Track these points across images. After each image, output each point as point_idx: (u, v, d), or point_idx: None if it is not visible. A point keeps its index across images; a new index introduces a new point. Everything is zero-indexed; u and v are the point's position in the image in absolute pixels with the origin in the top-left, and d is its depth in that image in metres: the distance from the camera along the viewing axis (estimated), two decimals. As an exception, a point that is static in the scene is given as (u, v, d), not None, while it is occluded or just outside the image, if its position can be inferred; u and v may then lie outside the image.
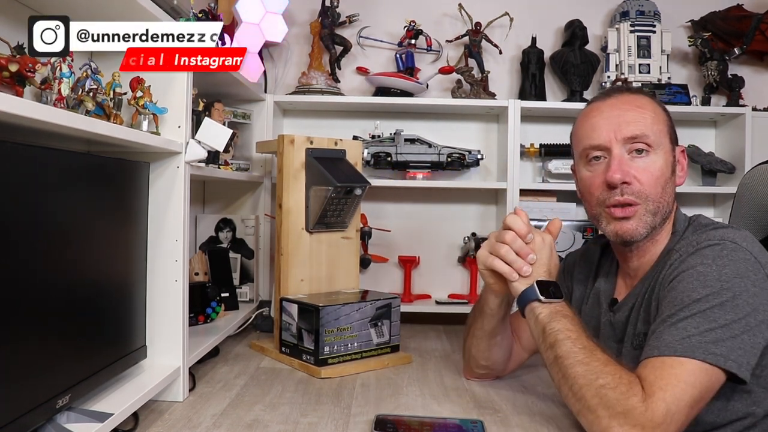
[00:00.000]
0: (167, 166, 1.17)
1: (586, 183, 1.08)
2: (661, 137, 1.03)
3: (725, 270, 0.90)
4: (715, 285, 0.89)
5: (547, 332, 0.97)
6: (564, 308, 1.00)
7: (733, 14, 2.12)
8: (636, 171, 1.01)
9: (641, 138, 1.01)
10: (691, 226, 1.05)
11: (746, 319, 0.87)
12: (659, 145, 1.03)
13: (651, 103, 1.06)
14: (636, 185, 1.01)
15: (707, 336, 0.85)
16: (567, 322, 0.97)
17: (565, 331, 0.95)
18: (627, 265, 1.11)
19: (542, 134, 2.10)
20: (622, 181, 1.00)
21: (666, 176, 1.03)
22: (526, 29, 2.13)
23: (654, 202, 1.01)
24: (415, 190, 2.11)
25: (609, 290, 1.15)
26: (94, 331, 0.98)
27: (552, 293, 1.01)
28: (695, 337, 0.86)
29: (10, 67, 0.77)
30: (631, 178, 1.01)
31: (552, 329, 0.97)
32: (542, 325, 0.99)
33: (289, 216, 1.54)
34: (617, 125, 1.02)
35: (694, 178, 2.13)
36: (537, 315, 1.00)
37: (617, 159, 1.01)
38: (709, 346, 0.85)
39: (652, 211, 1.01)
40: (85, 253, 0.94)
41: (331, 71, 2.08)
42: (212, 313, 1.58)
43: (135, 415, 1.02)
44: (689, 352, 0.85)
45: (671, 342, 0.87)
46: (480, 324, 1.20)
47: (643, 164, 1.02)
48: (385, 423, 1.01)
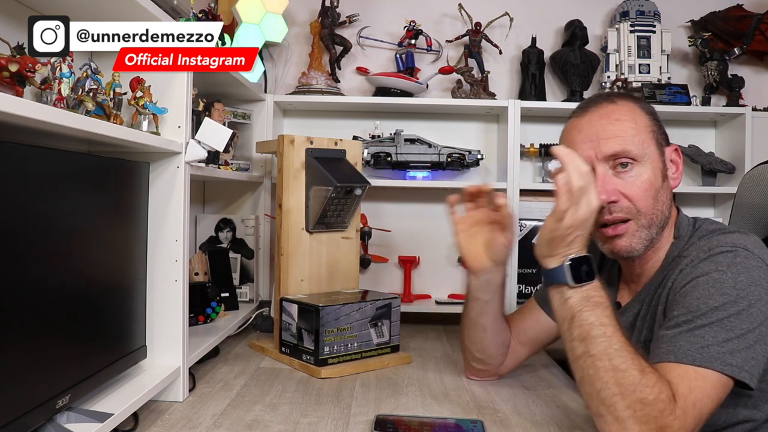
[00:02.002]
0: (167, 166, 1.17)
1: None
2: (645, 147, 1.00)
3: (740, 278, 0.89)
4: (731, 293, 0.88)
5: (576, 322, 0.89)
6: (596, 292, 0.90)
7: (733, 14, 2.11)
8: (622, 187, 0.99)
9: (623, 154, 0.99)
10: (698, 231, 1.03)
11: (759, 329, 0.87)
12: (644, 156, 0.99)
13: (630, 112, 1.02)
14: (624, 201, 0.99)
15: (725, 346, 0.85)
16: (600, 313, 0.88)
17: (599, 325, 0.87)
18: (630, 272, 1.11)
19: (542, 134, 2.10)
20: (607, 201, 0.98)
21: (656, 186, 1.00)
22: (526, 29, 2.13)
23: (646, 216, 0.99)
24: (415, 190, 2.11)
25: (611, 295, 1.15)
26: (94, 331, 0.97)
27: (585, 274, 0.90)
28: (714, 347, 0.85)
29: (10, 67, 0.77)
30: (617, 196, 0.99)
31: (583, 320, 0.88)
32: (571, 312, 0.90)
33: (289, 216, 1.54)
34: (596, 144, 0.99)
35: (694, 178, 2.13)
36: (566, 299, 0.91)
37: (600, 179, 0.98)
38: (726, 357, 0.84)
39: (645, 225, 1.00)
40: (85, 253, 0.94)
41: (331, 71, 2.08)
42: (212, 313, 1.58)
43: (135, 415, 1.02)
44: (708, 362, 0.84)
45: (689, 350, 0.85)
46: (467, 311, 1.22)
47: (629, 179, 0.99)
48: (385, 423, 1.01)
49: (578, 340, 0.88)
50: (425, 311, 1.99)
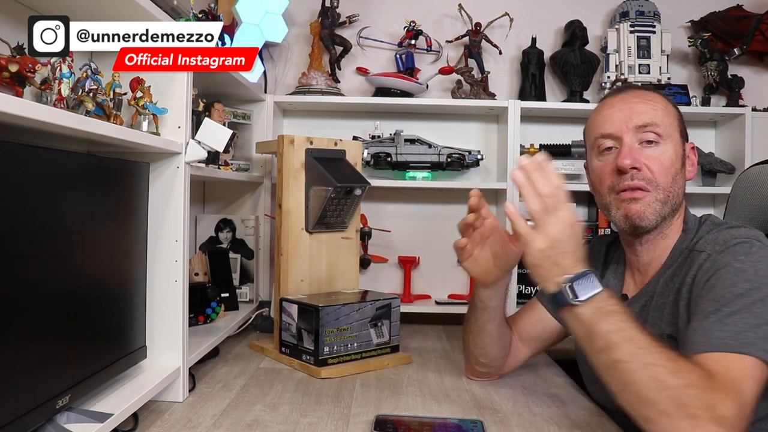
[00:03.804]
0: (167, 166, 1.17)
1: (598, 173, 1.09)
2: (671, 129, 1.06)
3: (760, 265, 0.91)
4: (754, 280, 0.89)
5: (595, 336, 0.86)
6: (606, 302, 0.87)
7: (733, 14, 2.12)
8: (646, 159, 1.03)
9: (651, 127, 1.04)
10: (705, 224, 1.06)
11: None
12: (669, 137, 1.05)
13: (662, 99, 1.09)
14: (646, 172, 1.03)
15: (758, 332, 0.84)
16: (616, 320, 0.85)
17: (618, 332, 0.84)
18: (637, 260, 1.11)
19: (542, 134, 2.10)
20: (632, 166, 1.02)
21: (676, 167, 1.05)
22: (526, 29, 2.13)
23: (664, 191, 1.03)
24: (415, 191, 2.11)
25: (617, 287, 1.15)
26: (94, 331, 0.97)
27: (588, 286, 0.87)
28: (747, 333, 0.84)
29: (10, 68, 0.77)
30: (641, 165, 1.03)
31: (601, 331, 0.85)
32: (586, 328, 0.87)
33: (289, 216, 1.54)
34: (628, 115, 1.05)
35: (694, 178, 2.12)
36: (578, 317, 0.88)
37: (627, 146, 1.04)
38: (761, 343, 0.83)
39: (661, 199, 1.03)
40: (85, 253, 0.94)
41: (331, 71, 2.08)
42: (212, 314, 1.58)
43: (135, 416, 1.02)
44: (745, 348, 0.83)
45: (724, 338, 0.85)
46: (474, 319, 1.20)
47: (653, 153, 1.04)
48: (385, 423, 1.01)
49: (601, 352, 0.86)
50: (425, 311, 1.99)
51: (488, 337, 1.21)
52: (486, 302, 1.16)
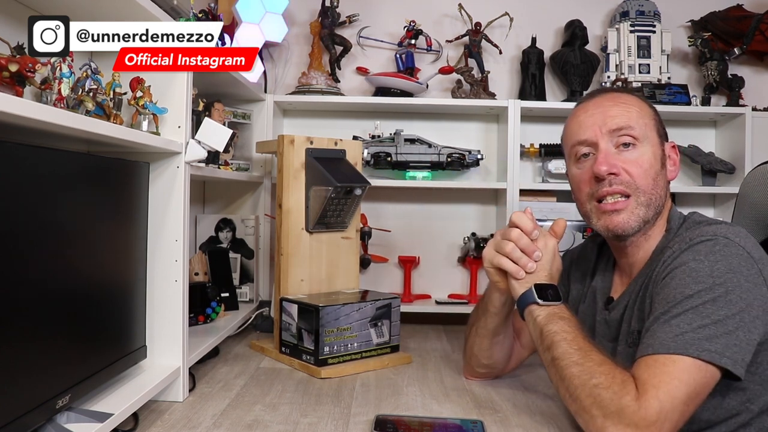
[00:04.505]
0: (167, 166, 1.17)
1: (576, 180, 1.08)
2: (648, 131, 1.04)
3: (717, 265, 0.89)
4: (707, 281, 0.88)
5: (544, 334, 0.98)
6: (562, 310, 1.00)
7: (733, 14, 2.12)
8: (624, 163, 1.02)
9: (626, 130, 1.02)
10: (686, 222, 1.05)
11: (740, 315, 0.86)
12: (646, 138, 1.03)
13: (636, 100, 1.07)
14: (624, 176, 1.01)
15: (700, 332, 0.85)
16: (564, 324, 0.97)
17: (561, 332, 0.95)
18: (623, 262, 1.11)
19: (542, 134, 2.10)
20: (609, 172, 1.01)
21: (656, 168, 1.03)
22: (526, 29, 2.14)
23: (646, 194, 1.01)
24: (415, 190, 2.11)
25: (605, 288, 1.15)
26: (94, 331, 0.97)
27: (550, 296, 1.01)
28: (688, 333, 0.85)
29: (10, 67, 0.77)
30: (618, 170, 1.01)
31: (549, 331, 0.97)
32: (540, 327, 0.99)
33: (289, 216, 1.54)
34: (602, 120, 1.04)
35: (694, 178, 2.13)
36: (535, 317, 1.01)
37: (603, 152, 1.02)
38: (703, 343, 0.84)
39: (644, 203, 1.01)
40: (85, 253, 0.94)
41: (331, 71, 2.08)
42: (212, 313, 1.58)
43: (135, 416, 1.02)
44: (682, 349, 0.84)
45: (664, 339, 0.86)
46: (483, 322, 1.19)
47: (630, 156, 1.02)
48: (385, 423, 1.01)
49: (547, 350, 0.97)
50: (425, 311, 1.99)
51: (496, 341, 1.21)
52: (499, 307, 1.15)
